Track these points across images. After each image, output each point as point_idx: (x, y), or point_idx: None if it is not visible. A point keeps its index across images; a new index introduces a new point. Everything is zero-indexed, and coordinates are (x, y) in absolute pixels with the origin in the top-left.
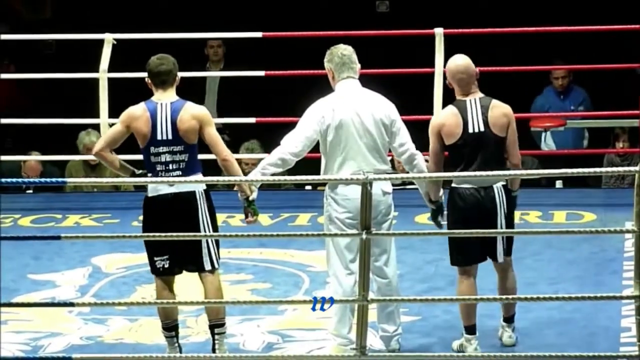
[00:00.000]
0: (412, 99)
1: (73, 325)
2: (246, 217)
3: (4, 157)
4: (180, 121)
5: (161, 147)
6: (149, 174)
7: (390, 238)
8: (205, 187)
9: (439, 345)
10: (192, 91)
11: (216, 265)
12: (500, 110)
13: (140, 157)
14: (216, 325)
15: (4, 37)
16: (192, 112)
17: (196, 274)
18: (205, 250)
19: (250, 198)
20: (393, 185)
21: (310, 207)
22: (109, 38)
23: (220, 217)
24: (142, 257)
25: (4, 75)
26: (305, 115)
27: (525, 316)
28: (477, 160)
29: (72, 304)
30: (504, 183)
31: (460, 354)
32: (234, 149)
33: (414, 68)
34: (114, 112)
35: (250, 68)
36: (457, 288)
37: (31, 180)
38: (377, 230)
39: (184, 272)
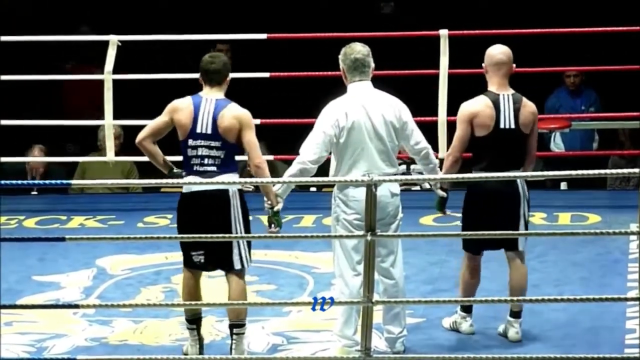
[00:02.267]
0: (417, 100)
1: (78, 326)
2: (269, 226)
3: (5, 159)
4: (221, 119)
5: (199, 141)
6: (184, 173)
7: (397, 239)
8: (239, 187)
9: (443, 348)
10: (195, 93)
11: (246, 265)
12: (528, 109)
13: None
14: (235, 326)
15: (4, 38)
16: (234, 113)
17: (206, 274)
18: (235, 250)
19: (275, 209)
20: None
21: (315, 209)
22: (113, 40)
23: None
24: (147, 259)
25: (3, 77)
26: (319, 120)
27: (530, 318)
28: (504, 156)
29: (76, 306)
30: None
31: (465, 355)
32: None
33: (419, 70)
34: (118, 114)
35: (255, 69)
36: (461, 268)
37: (35, 182)
38: (385, 231)
39: (211, 271)
